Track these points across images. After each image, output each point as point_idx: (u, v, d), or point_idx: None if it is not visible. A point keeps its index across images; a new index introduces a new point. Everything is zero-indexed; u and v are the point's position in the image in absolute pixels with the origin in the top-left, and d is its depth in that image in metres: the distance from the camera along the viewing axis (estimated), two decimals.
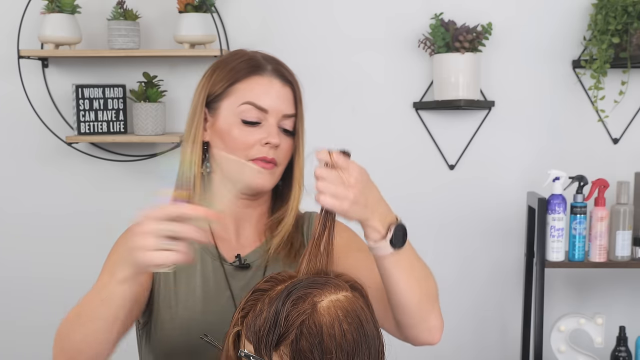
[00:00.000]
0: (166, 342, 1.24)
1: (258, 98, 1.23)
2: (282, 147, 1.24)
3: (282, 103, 1.24)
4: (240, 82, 1.24)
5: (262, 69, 1.25)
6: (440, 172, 2.62)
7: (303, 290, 0.94)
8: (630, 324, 2.54)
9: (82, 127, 2.52)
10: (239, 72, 1.25)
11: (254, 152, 1.21)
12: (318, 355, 0.92)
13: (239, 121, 1.23)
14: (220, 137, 1.24)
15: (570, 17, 2.53)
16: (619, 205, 2.34)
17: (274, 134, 1.22)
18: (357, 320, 0.95)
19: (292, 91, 1.26)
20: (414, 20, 2.54)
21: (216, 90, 1.26)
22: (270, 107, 1.23)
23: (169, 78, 2.60)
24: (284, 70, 1.27)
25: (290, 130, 1.26)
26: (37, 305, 2.72)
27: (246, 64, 1.26)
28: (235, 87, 1.24)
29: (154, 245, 0.95)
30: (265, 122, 1.23)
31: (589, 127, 2.56)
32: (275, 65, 1.27)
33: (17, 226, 2.70)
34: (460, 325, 2.67)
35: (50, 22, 2.44)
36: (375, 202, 1.06)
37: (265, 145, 1.22)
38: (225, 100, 1.25)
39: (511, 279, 2.65)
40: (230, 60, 1.28)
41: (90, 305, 1.07)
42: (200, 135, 1.26)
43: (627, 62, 2.38)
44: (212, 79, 1.27)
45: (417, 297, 1.11)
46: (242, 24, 2.58)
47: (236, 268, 1.26)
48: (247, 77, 1.24)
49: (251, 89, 1.23)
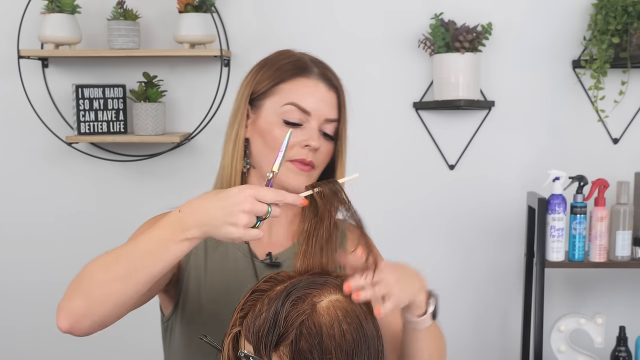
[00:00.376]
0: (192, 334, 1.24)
1: (302, 100, 1.23)
2: (322, 150, 1.24)
3: (326, 107, 1.24)
4: (286, 82, 1.24)
5: (308, 71, 1.25)
6: (440, 172, 2.62)
7: (302, 291, 0.95)
8: (630, 324, 2.54)
9: (82, 127, 2.52)
10: (286, 72, 1.25)
11: (293, 153, 1.21)
12: (317, 355, 0.92)
13: (281, 121, 1.23)
14: (260, 135, 1.25)
15: (570, 17, 2.53)
16: (619, 205, 2.34)
17: (315, 137, 1.22)
18: (357, 321, 0.95)
19: (336, 96, 1.26)
20: (414, 20, 2.54)
21: (261, 89, 1.26)
22: (314, 110, 1.23)
23: (169, 78, 2.60)
24: (331, 75, 1.27)
25: (331, 135, 1.26)
26: (37, 305, 2.72)
27: (293, 64, 1.26)
28: (280, 87, 1.24)
29: (249, 223, 0.98)
30: (307, 125, 1.23)
31: (589, 127, 2.56)
32: (322, 69, 1.27)
33: (17, 226, 2.70)
34: (460, 325, 2.67)
35: (50, 22, 2.44)
36: (415, 282, 1.08)
37: (305, 147, 1.22)
38: (269, 99, 1.25)
39: (511, 279, 2.65)
40: (277, 59, 1.28)
41: (133, 255, 1.04)
42: (242, 131, 1.27)
43: (627, 62, 2.38)
44: (258, 77, 1.27)
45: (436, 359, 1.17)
46: (242, 24, 2.58)
47: (266, 265, 1.27)
48: (293, 77, 1.24)
49: (296, 90, 1.23)
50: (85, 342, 2.70)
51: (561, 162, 2.50)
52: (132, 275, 1.03)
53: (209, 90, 2.55)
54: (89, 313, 1.04)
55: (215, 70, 2.54)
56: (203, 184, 2.94)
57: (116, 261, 1.05)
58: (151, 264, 1.03)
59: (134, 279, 1.03)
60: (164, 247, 1.02)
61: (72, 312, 1.05)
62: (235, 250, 1.27)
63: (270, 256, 1.27)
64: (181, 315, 1.26)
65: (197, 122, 2.57)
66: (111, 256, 1.06)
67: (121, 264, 1.04)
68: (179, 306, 1.27)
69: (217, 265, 1.26)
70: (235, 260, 1.27)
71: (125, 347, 2.71)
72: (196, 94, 2.60)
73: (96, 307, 1.04)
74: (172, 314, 1.28)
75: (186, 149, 2.62)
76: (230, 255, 1.27)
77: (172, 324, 1.29)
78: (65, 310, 1.05)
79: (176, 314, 1.27)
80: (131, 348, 2.70)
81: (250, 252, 1.27)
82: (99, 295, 1.04)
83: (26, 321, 2.73)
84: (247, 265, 1.26)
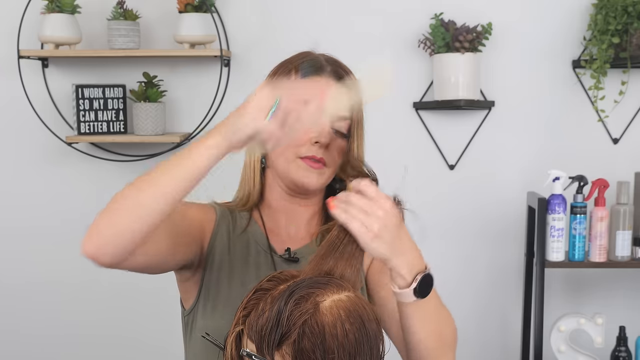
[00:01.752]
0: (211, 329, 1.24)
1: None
2: (333, 148, 1.25)
3: None
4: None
5: (321, 70, 1.27)
6: (440, 172, 2.62)
7: (305, 290, 0.94)
8: (630, 324, 2.54)
9: (82, 127, 2.52)
10: (299, 71, 1.27)
11: (303, 150, 1.23)
12: (320, 354, 0.91)
13: None
14: None
15: (570, 17, 2.53)
16: (619, 205, 2.34)
17: (325, 134, 1.23)
18: (359, 320, 0.95)
19: None
20: (414, 20, 2.54)
21: None
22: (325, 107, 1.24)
23: (169, 78, 2.60)
24: (343, 73, 1.28)
25: (343, 133, 1.26)
26: (36, 305, 2.72)
27: (307, 64, 1.28)
28: None
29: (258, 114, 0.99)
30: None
31: (589, 127, 2.56)
32: (335, 67, 1.29)
33: (16, 226, 2.70)
34: (460, 325, 2.65)
35: (50, 22, 2.44)
36: (403, 247, 1.05)
37: (315, 144, 1.23)
38: None
39: (511, 279, 2.65)
40: (293, 59, 1.30)
41: (159, 167, 1.05)
42: None
43: (627, 62, 2.38)
44: (275, 77, 1.29)
45: (432, 344, 1.13)
46: (242, 24, 2.58)
47: (285, 260, 1.28)
48: (305, 76, 1.26)
49: None
50: (86, 343, 2.70)
51: (561, 162, 2.50)
52: (157, 183, 1.02)
53: (209, 90, 2.55)
54: (115, 232, 1.03)
55: (215, 70, 2.54)
56: (203, 183, 2.93)
57: (144, 176, 1.05)
58: (175, 175, 1.02)
59: (158, 189, 1.02)
60: (187, 154, 1.03)
61: (98, 235, 1.04)
62: (255, 245, 1.29)
63: (289, 251, 1.28)
64: (203, 307, 1.27)
65: (197, 122, 2.57)
66: (139, 177, 1.06)
67: (148, 176, 1.04)
68: (200, 297, 1.27)
69: (239, 256, 1.28)
70: (256, 254, 1.28)
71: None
72: (196, 94, 2.60)
73: (121, 224, 1.03)
74: (194, 306, 1.28)
75: None
76: (252, 249, 1.29)
77: (193, 317, 1.29)
78: (90, 235, 1.05)
79: (197, 305, 1.28)
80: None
81: (270, 247, 1.29)
82: (124, 210, 1.03)
83: (27, 321, 2.73)
84: (266, 260, 1.28)
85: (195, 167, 1.02)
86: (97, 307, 2.71)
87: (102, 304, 2.71)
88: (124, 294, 2.68)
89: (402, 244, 1.05)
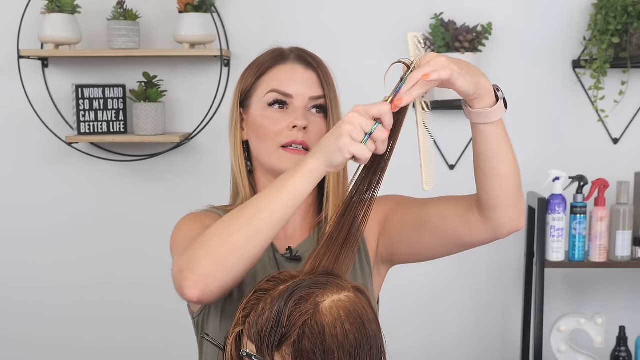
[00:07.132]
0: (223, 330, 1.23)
1: (281, 85, 1.25)
2: (313, 129, 1.25)
3: (306, 86, 1.26)
4: (266, 74, 1.28)
5: (285, 58, 1.28)
6: (440, 172, 2.62)
7: (305, 290, 0.94)
8: (630, 324, 2.54)
9: (82, 127, 2.51)
10: (264, 64, 1.29)
11: (283, 137, 1.23)
12: (320, 355, 0.91)
13: (267, 108, 1.25)
14: (253, 131, 1.27)
15: (570, 17, 2.53)
16: (619, 205, 2.34)
17: (300, 116, 1.23)
18: (359, 321, 0.95)
19: (316, 74, 1.28)
20: (414, 20, 2.54)
21: (246, 87, 1.30)
22: (295, 92, 1.25)
23: (169, 78, 2.60)
24: (307, 56, 1.29)
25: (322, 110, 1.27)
26: (37, 304, 2.72)
27: (270, 56, 1.30)
28: (261, 80, 1.28)
29: (360, 138, 1.01)
30: (291, 107, 1.25)
31: (589, 127, 2.56)
32: (298, 52, 1.30)
33: (16, 226, 2.70)
34: (460, 324, 2.67)
35: (50, 22, 2.44)
36: (477, 71, 1.09)
37: (294, 129, 1.23)
38: (254, 95, 1.29)
39: (511, 279, 2.65)
40: (260, 57, 1.32)
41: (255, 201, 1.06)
42: (239, 135, 1.30)
43: (627, 62, 2.38)
44: (244, 77, 1.31)
45: (517, 170, 1.20)
46: (242, 24, 2.58)
47: (287, 259, 1.28)
48: (271, 67, 1.28)
49: (275, 78, 1.27)
50: (87, 342, 2.70)
51: (561, 162, 2.50)
52: (256, 217, 1.04)
53: (209, 90, 2.55)
54: (218, 273, 1.04)
55: (215, 70, 2.54)
56: (203, 183, 2.94)
57: (238, 212, 1.06)
58: (273, 201, 1.04)
59: (258, 222, 1.03)
60: (284, 182, 1.04)
61: (200, 276, 1.04)
62: None
63: (290, 250, 1.28)
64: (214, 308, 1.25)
65: (197, 122, 2.57)
66: (231, 213, 1.07)
67: (245, 212, 1.05)
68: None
69: None
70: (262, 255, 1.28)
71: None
72: (196, 94, 2.60)
73: (224, 264, 1.04)
74: (203, 308, 1.27)
75: (186, 149, 2.62)
76: None
77: (203, 319, 1.27)
78: (191, 277, 1.04)
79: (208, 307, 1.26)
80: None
81: (272, 246, 1.29)
82: (225, 250, 1.04)
83: (26, 321, 2.73)
84: (270, 260, 1.28)
85: (299, 192, 1.04)
86: (97, 308, 2.71)
87: (102, 304, 2.70)
88: (124, 294, 2.68)
89: (475, 69, 1.09)
